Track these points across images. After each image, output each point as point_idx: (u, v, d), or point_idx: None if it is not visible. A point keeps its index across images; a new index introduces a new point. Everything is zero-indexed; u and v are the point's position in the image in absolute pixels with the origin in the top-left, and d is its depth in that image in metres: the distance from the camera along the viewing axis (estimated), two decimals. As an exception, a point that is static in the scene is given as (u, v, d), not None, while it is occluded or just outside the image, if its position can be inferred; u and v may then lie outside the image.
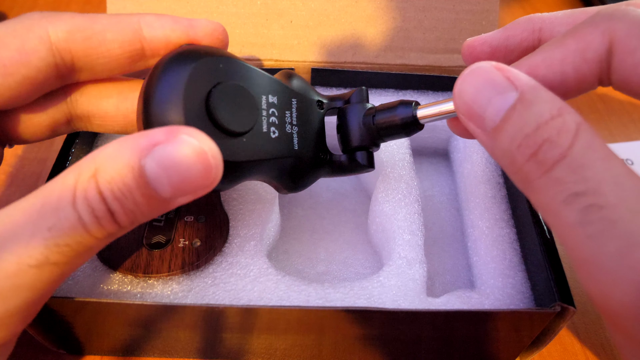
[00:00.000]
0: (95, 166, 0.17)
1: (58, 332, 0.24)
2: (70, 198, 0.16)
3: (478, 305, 0.24)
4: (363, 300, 0.23)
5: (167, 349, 0.25)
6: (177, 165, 0.16)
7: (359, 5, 0.33)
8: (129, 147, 0.17)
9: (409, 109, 0.22)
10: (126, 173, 0.16)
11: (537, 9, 0.50)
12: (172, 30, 0.21)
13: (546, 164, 0.15)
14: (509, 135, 0.16)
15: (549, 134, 0.15)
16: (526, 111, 0.15)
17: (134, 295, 0.23)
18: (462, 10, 0.33)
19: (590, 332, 0.28)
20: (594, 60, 0.17)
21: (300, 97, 0.24)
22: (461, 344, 0.25)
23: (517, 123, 0.16)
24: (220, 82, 0.20)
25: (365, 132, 0.23)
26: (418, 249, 0.25)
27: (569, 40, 0.18)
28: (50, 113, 0.22)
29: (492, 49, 0.22)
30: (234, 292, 0.23)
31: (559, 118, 0.15)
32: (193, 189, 0.17)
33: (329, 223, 0.31)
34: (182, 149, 0.16)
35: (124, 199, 0.17)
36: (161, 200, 0.17)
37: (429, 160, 0.35)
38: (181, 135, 0.17)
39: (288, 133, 0.22)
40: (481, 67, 0.17)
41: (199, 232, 0.25)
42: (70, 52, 0.20)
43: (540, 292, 0.23)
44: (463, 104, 0.17)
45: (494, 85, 0.16)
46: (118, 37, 0.21)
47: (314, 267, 0.29)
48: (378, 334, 0.24)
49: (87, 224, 0.17)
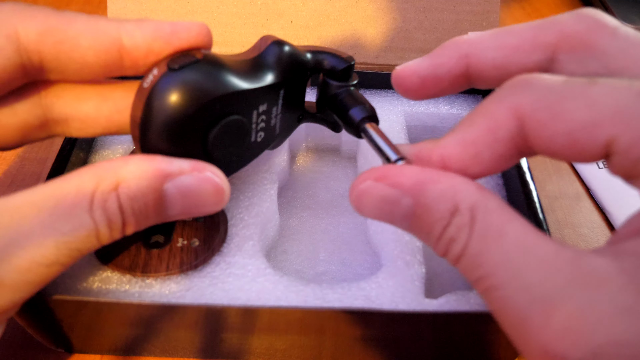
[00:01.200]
0: (117, 179, 0.18)
1: (57, 331, 0.24)
2: (87, 205, 0.17)
3: (476, 306, 0.24)
4: (361, 301, 0.23)
5: (167, 348, 0.25)
6: (195, 197, 0.19)
7: (359, 5, 0.33)
8: (154, 169, 0.18)
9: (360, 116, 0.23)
10: (149, 194, 0.18)
11: (537, 9, 0.50)
12: (154, 39, 0.20)
13: (455, 259, 0.16)
14: (425, 238, 0.17)
15: (452, 234, 0.16)
16: (428, 216, 0.17)
17: (132, 295, 0.23)
18: (462, 11, 0.33)
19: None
20: (506, 138, 0.17)
21: (288, 83, 0.23)
22: (460, 345, 0.25)
23: (425, 228, 0.17)
24: (217, 123, 0.20)
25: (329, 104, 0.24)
26: (416, 249, 0.25)
27: (479, 119, 0.17)
28: (21, 116, 0.21)
29: (421, 79, 0.21)
30: (231, 292, 0.23)
31: (457, 214, 0.16)
32: (197, 212, 0.20)
33: (328, 223, 0.31)
34: (204, 184, 0.19)
35: (140, 215, 0.18)
36: (166, 216, 0.19)
37: (428, 161, 0.35)
38: (207, 173, 0.19)
39: (272, 126, 0.24)
40: (365, 188, 0.18)
41: (198, 231, 0.25)
42: (40, 55, 0.19)
43: (538, 294, 0.23)
44: (370, 216, 0.18)
45: (385, 200, 0.17)
46: (94, 44, 0.19)
47: (312, 267, 0.29)
48: (378, 335, 0.24)
49: (101, 233, 0.18)
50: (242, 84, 0.21)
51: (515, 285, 0.15)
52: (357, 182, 0.18)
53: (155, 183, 0.18)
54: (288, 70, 0.23)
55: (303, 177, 0.34)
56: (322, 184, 0.33)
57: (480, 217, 0.16)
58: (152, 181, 0.18)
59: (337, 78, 0.24)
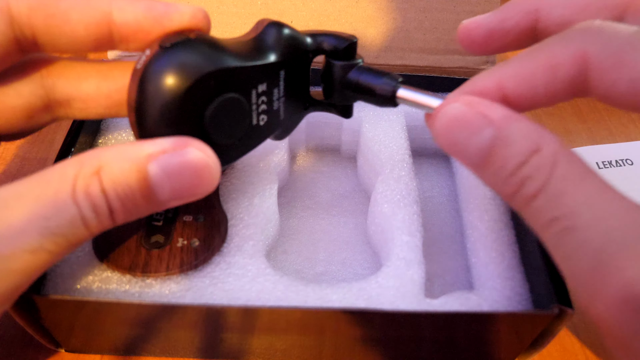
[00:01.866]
0: (99, 163, 0.17)
1: (57, 330, 0.24)
2: (70, 191, 0.17)
3: (476, 307, 0.24)
4: (361, 301, 0.23)
5: (167, 348, 0.25)
6: (181, 174, 0.18)
7: (359, 5, 0.33)
8: (136, 151, 0.18)
9: (391, 85, 0.22)
10: (131, 175, 0.17)
11: (539, 10, 0.50)
12: (145, 17, 0.20)
13: (528, 197, 0.16)
14: (493, 174, 0.17)
15: (529, 172, 0.16)
16: (506, 151, 0.16)
17: (132, 295, 0.23)
18: (462, 11, 0.33)
19: (590, 332, 0.28)
20: (564, 79, 0.17)
21: (288, 64, 0.22)
22: (459, 345, 0.24)
23: (499, 163, 0.17)
24: (213, 101, 0.20)
25: (347, 89, 0.23)
26: (417, 250, 0.25)
27: (541, 54, 0.18)
28: (26, 97, 0.21)
29: (488, 32, 0.21)
30: (231, 292, 0.23)
31: (537, 154, 0.16)
32: (189, 195, 0.19)
33: (328, 223, 0.31)
34: (188, 160, 0.18)
35: (126, 199, 0.18)
36: (157, 202, 0.18)
37: (429, 161, 0.35)
38: (189, 147, 0.18)
39: (275, 110, 0.23)
40: (452, 109, 0.18)
41: (198, 232, 0.25)
42: (32, 29, 0.19)
43: (538, 294, 0.23)
44: (444, 145, 0.18)
45: (469, 126, 0.17)
46: (84, 18, 0.20)
47: (312, 267, 0.29)
48: (378, 335, 0.24)
49: (87, 218, 0.17)
50: (238, 62, 0.20)
51: (597, 228, 0.14)
52: (444, 102, 0.18)
53: (137, 164, 0.17)
54: (287, 50, 0.22)
55: (303, 177, 0.34)
56: (322, 184, 0.33)
57: (563, 161, 0.16)
58: (134, 162, 0.17)
59: (341, 57, 0.23)
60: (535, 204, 0.16)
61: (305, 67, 0.24)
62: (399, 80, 0.22)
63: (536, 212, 0.16)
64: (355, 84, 0.23)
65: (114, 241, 0.24)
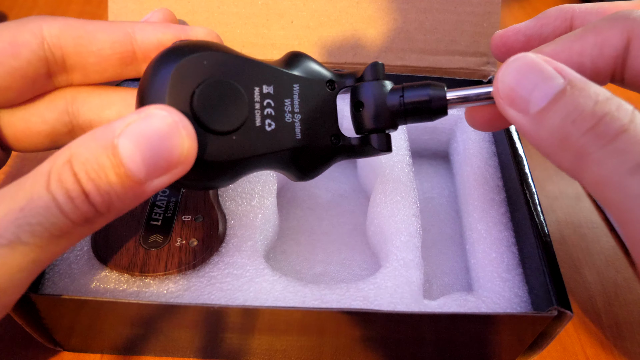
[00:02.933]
0: (70, 152, 0.17)
1: (56, 329, 0.24)
2: (44, 181, 0.17)
3: (475, 308, 0.24)
4: (359, 302, 0.23)
5: (166, 348, 0.25)
6: (149, 140, 0.17)
7: (360, 6, 0.33)
8: (102, 131, 0.17)
9: (442, 91, 0.21)
10: (100, 153, 0.17)
11: (538, 9, 0.50)
12: (164, 33, 0.22)
13: (607, 136, 0.15)
14: (561, 114, 0.16)
15: (609, 109, 0.15)
16: (580, 93, 0.16)
17: (130, 294, 0.23)
18: (463, 12, 0.33)
19: (590, 332, 0.28)
20: (610, 55, 0.18)
21: (304, 81, 0.22)
22: (458, 347, 0.24)
23: (570, 102, 0.16)
24: (204, 81, 0.19)
25: (387, 112, 0.22)
26: (415, 251, 0.25)
27: (588, 34, 0.19)
28: (50, 123, 0.22)
29: (527, 38, 0.22)
30: (230, 292, 0.23)
31: (613, 98, 0.15)
32: (167, 165, 0.17)
33: (327, 224, 0.31)
34: (152, 122, 0.17)
35: (98, 179, 0.17)
36: (136, 181, 0.17)
37: (429, 162, 0.35)
38: (153, 110, 0.17)
39: (288, 123, 0.21)
40: (527, 56, 0.17)
41: (196, 231, 0.25)
42: (61, 49, 0.21)
43: (537, 296, 0.23)
44: (505, 87, 0.18)
45: (541, 72, 0.17)
46: (109, 37, 0.21)
47: (311, 267, 0.29)
48: (377, 336, 0.24)
49: (61, 204, 0.17)
50: (240, 55, 0.20)
51: None
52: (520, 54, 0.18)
53: (104, 141, 0.17)
54: (304, 69, 0.22)
55: (303, 178, 0.34)
56: (322, 184, 0.33)
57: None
58: (102, 140, 0.17)
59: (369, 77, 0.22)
60: (616, 145, 0.15)
61: (329, 96, 0.23)
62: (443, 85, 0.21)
63: (616, 154, 0.15)
64: (400, 104, 0.22)
65: (112, 240, 0.24)
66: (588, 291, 0.30)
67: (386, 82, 0.22)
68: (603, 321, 0.29)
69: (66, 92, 0.22)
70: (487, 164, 0.30)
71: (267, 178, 0.28)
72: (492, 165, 0.30)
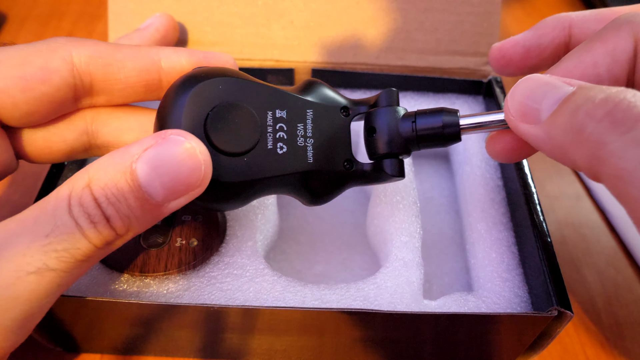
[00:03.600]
0: (88, 176, 0.17)
1: (56, 330, 0.24)
2: (66, 206, 0.17)
3: (475, 308, 0.24)
4: (359, 302, 0.23)
5: (166, 348, 0.25)
6: (167, 164, 0.17)
7: (360, 6, 0.33)
8: (120, 155, 0.18)
9: (455, 118, 0.21)
10: (119, 178, 0.17)
11: (538, 9, 0.50)
12: (188, 61, 0.22)
13: (626, 123, 0.14)
14: (573, 109, 0.15)
15: (624, 96, 0.14)
16: (589, 89, 0.16)
17: (130, 294, 0.23)
18: (463, 12, 0.33)
19: (590, 332, 0.28)
20: (624, 59, 0.18)
21: (317, 107, 0.22)
22: (458, 347, 0.24)
23: (581, 97, 0.15)
24: (218, 104, 0.20)
25: (399, 138, 0.22)
26: (415, 251, 0.25)
27: (596, 44, 0.19)
28: (69, 143, 0.23)
29: (525, 49, 0.22)
30: (229, 292, 0.23)
31: (628, 89, 0.15)
32: (184, 188, 0.18)
33: (327, 224, 0.31)
34: (171, 148, 0.18)
35: (118, 203, 0.17)
36: (154, 204, 0.18)
37: (429, 162, 0.35)
38: (170, 135, 0.18)
39: (300, 147, 0.22)
40: (536, 75, 0.18)
41: (196, 231, 0.25)
42: (90, 76, 0.21)
43: (537, 296, 0.23)
44: (515, 103, 0.18)
45: (548, 83, 0.17)
46: (137, 65, 0.22)
47: (311, 267, 0.29)
48: (377, 336, 0.24)
49: (85, 229, 0.17)
50: (256, 80, 0.21)
51: None
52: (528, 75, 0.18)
53: (123, 166, 0.17)
54: (318, 95, 0.23)
55: (303, 178, 0.34)
56: (322, 184, 0.33)
57: None
58: (120, 165, 0.17)
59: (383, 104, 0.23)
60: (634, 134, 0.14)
61: (343, 122, 0.23)
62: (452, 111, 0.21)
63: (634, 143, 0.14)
64: (412, 130, 0.22)
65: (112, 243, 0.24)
66: (588, 291, 0.30)
67: (399, 108, 0.22)
68: (603, 321, 0.29)
69: (86, 113, 0.23)
70: (487, 164, 0.30)
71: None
72: (492, 165, 0.30)
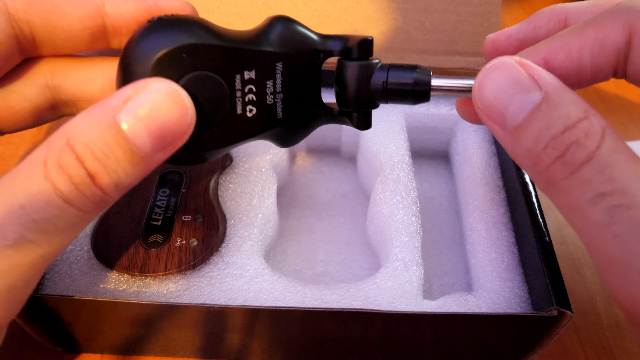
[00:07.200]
0: (66, 136, 0.16)
1: (56, 330, 0.24)
2: (41, 170, 0.16)
3: (475, 308, 0.24)
4: (359, 302, 0.23)
5: (166, 348, 0.25)
6: (153, 112, 0.17)
7: (360, 6, 0.33)
8: (99, 110, 0.16)
9: (427, 77, 0.21)
10: (104, 131, 0.16)
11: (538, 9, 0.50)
12: (136, 8, 0.20)
13: (573, 165, 0.15)
14: (533, 136, 0.16)
15: (577, 136, 0.15)
16: (552, 112, 0.15)
17: (130, 294, 0.23)
18: (463, 12, 0.33)
19: (590, 332, 0.28)
20: (612, 51, 0.17)
21: (287, 57, 0.21)
22: (458, 347, 0.24)
23: (542, 124, 0.16)
24: (183, 76, 0.19)
25: (369, 95, 0.21)
26: (415, 251, 0.25)
27: (588, 29, 0.18)
28: (32, 100, 0.21)
29: (520, 42, 0.21)
30: (229, 292, 0.23)
31: (585, 120, 0.15)
32: (172, 135, 0.17)
33: (327, 224, 0.31)
34: (155, 96, 0.17)
35: (105, 158, 0.16)
36: (142, 156, 0.17)
37: (428, 162, 0.35)
38: (152, 84, 0.17)
39: (269, 105, 0.21)
40: (504, 62, 0.17)
41: (196, 231, 0.25)
42: (29, 25, 0.20)
43: (537, 296, 0.23)
44: (483, 100, 0.17)
45: (517, 83, 0.16)
46: (78, 11, 0.20)
47: (311, 267, 0.29)
48: (377, 336, 0.24)
49: (65, 192, 0.16)
50: (220, 41, 0.19)
51: None
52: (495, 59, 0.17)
53: (107, 119, 0.16)
54: (287, 43, 0.21)
55: (303, 177, 0.34)
56: (322, 184, 0.33)
57: (612, 136, 0.15)
58: (104, 118, 0.16)
59: (357, 57, 0.21)
60: (581, 174, 0.15)
61: (314, 67, 0.22)
62: (429, 70, 0.21)
63: (580, 184, 0.15)
64: (383, 84, 0.21)
65: (112, 240, 0.24)
66: (588, 291, 0.30)
67: (372, 63, 0.21)
68: (603, 321, 0.29)
69: (43, 66, 0.21)
70: (487, 164, 0.30)
71: (267, 178, 0.28)
72: (492, 165, 0.30)
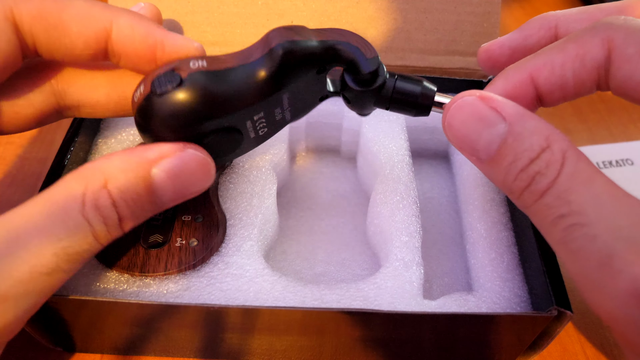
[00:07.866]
0: (104, 177, 0.18)
1: (56, 330, 0.24)
2: (79, 207, 0.18)
3: (475, 308, 0.24)
4: (359, 302, 0.23)
5: (166, 348, 0.25)
6: (181, 174, 0.19)
7: (360, 6, 0.33)
8: (137, 158, 0.19)
9: (432, 92, 0.21)
10: (138, 183, 0.18)
11: (538, 9, 0.50)
12: (141, 44, 0.20)
13: (537, 193, 0.16)
14: (504, 169, 0.17)
15: (539, 167, 0.16)
16: (518, 145, 0.17)
17: (130, 294, 0.23)
18: (463, 12, 0.33)
19: (590, 332, 0.28)
20: (592, 66, 0.18)
21: (292, 87, 0.21)
22: (458, 347, 0.24)
23: (510, 157, 0.17)
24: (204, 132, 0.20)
25: (372, 105, 0.22)
26: (415, 251, 0.25)
27: (570, 45, 0.18)
28: (37, 106, 0.22)
29: (512, 51, 0.22)
30: (229, 292, 0.23)
31: (547, 150, 0.16)
32: (189, 193, 0.20)
33: (327, 224, 0.31)
34: (189, 161, 0.19)
35: (135, 206, 0.19)
36: (160, 203, 0.20)
37: (429, 162, 0.35)
38: (188, 149, 0.19)
39: (278, 120, 0.22)
40: (466, 101, 0.18)
41: (196, 231, 0.25)
42: (32, 37, 0.20)
43: (537, 296, 0.23)
44: (454, 138, 0.18)
45: (481, 119, 0.17)
46: (84, 32, 0.20)
47: (311, 268, 0.29)
48: (377, 336, 0.24)
49: (98, 231, 0.18)
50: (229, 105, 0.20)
51: (605, 225, 0.15)
52: (459, 95, 0.18)
53: (142, 171, 0.18)
54: (292, 75, 0.20)
55: (303, 178, 0.34)
56: (322, 184, 0.33)
57: (571, 160, 0.16)
58: (139, 170, 0.18)
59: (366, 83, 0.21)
60: (544, 200, 0.16)
61: (319, 81, 0.22)
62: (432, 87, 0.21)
63: (544, 209, 0.16)
64: (388, 98, 0.21)
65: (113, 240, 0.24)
66: (588, 291, 0.30)
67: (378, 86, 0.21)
68: (603, 321, 0.29)
69: (51, 73, 0.22)
70: (487, 164, 0.30)
71: (267, 178, 0.28)
72: (492, 165, 0.30)
